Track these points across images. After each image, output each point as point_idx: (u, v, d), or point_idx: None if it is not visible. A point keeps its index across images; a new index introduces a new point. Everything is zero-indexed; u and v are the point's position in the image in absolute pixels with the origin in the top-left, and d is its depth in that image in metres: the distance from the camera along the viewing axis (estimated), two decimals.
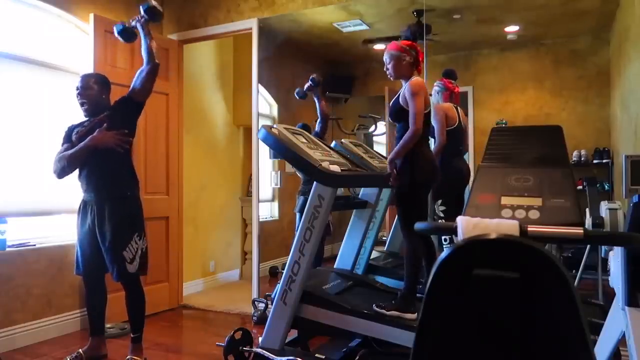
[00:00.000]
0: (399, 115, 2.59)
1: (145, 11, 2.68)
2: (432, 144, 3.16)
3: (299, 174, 3.92)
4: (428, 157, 2.61)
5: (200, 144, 4.83)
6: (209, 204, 4.92)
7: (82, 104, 2.75)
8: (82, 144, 2.65)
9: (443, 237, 3.17)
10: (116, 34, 2.79)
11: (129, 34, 2.78)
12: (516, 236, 0.86)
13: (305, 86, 3.68)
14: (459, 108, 3.31)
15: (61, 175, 2.72)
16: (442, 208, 3.15)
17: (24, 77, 3.34)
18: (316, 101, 3.79)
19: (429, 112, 2.64)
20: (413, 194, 2.57)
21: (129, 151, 2.77)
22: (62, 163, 2.68)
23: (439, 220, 3.16)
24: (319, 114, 3.81)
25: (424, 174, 2.55)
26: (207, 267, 4.92)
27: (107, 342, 2.99)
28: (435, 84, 3.35)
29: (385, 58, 2.64)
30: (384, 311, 2.46)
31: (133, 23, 2.73)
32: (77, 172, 2.75)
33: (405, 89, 2.56)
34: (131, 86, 2.74)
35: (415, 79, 2.56)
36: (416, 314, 2.47)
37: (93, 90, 2.74)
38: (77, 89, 2.74)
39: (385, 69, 2.66)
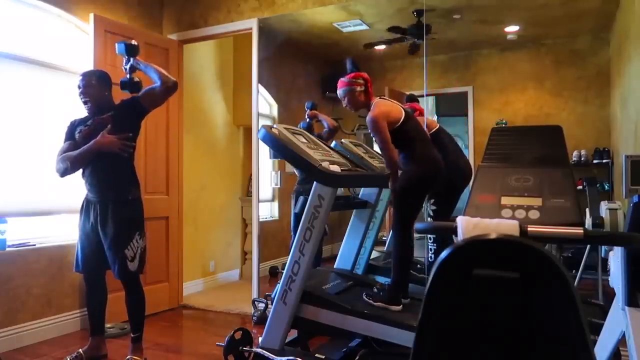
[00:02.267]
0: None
1: (123, 53, 2.74)
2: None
3: (297, 173, 3.93)
4: (424, 155, 2.67)
5: (200, 144, 4.82)
6: (209, 204, 4.92)
7: (85, 102, 2.74)
8: (86, 146, 2.64)
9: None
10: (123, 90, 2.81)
11: (134, 85, 2.78)
12: (516, 236, 0.86)
13: (307, 120, 3.87)
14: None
15: (64, 174, 2.72)
16: (433, 208, 3.17)
17: (24, 77, 3.34)
18: (322, 122, 3.91)
19: (404, 120, 2.66)
20: (410, 191, 2.63)
21: (132, 154, 2.77)
22: (65, 164, 2.68)
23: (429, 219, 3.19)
24: (326, 127, 3.92)
25: (421, 170, 2.63)
26: (207, 267, 4.92)
27: (107, 342, 2.99)
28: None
29: (340, 95, 2.75)
30: (371, 301, 2.58)
31: (127, 71, 2.77)
32: (80, 170, 2.74)
33: (367, 123, 2.63)
34: (144, 91, 2.73)
35: (371, 113, 2.61)
36: (401, 306, 2.57)
37: (95, 89, 2.73)
38: (79, 87, 2.73)
39: (345, 106, 2.76)
